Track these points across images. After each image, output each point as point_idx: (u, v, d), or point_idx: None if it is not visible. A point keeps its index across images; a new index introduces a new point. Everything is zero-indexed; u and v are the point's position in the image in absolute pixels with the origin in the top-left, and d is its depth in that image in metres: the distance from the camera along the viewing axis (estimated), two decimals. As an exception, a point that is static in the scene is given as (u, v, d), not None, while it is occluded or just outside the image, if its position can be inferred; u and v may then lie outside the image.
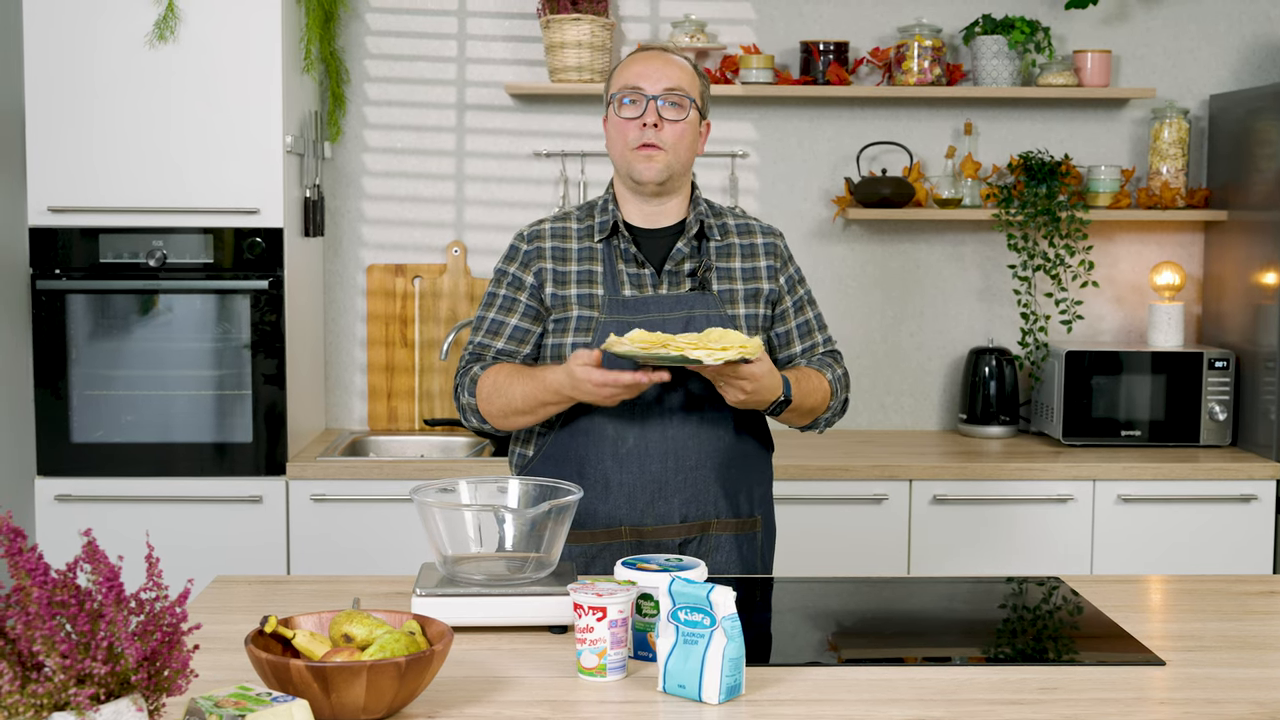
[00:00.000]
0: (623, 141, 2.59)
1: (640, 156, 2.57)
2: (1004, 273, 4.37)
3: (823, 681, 2.01)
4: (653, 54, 2.64)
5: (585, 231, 2.66)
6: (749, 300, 2.64)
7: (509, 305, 2.65)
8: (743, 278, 2.65)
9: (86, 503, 3.76)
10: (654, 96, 2.57)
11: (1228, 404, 4.08)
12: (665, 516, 2.58)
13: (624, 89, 2.59)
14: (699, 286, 2.62)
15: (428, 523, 2.22)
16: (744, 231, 2.70)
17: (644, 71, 2.59)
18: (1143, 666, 2.08)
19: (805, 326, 2.73)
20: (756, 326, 2.64)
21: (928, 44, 4.16)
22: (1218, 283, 4.30)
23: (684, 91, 2.59)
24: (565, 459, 2.60)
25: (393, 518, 3.78)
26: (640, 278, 2.61)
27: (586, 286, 2.61)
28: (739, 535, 2.64)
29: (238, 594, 2.45)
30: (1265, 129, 3.99)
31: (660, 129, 2.57)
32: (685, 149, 2.61)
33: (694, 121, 2.62)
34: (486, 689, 1.94)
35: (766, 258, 2.69)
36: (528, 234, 2.69)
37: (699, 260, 2.64)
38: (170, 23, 3.69)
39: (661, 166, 2.58)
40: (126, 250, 3.76)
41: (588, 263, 2.63)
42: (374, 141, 4.33)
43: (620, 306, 2.59)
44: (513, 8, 4.31)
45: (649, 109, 2.57)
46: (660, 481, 2.56)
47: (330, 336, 4.35)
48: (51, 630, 1.52)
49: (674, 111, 2.58)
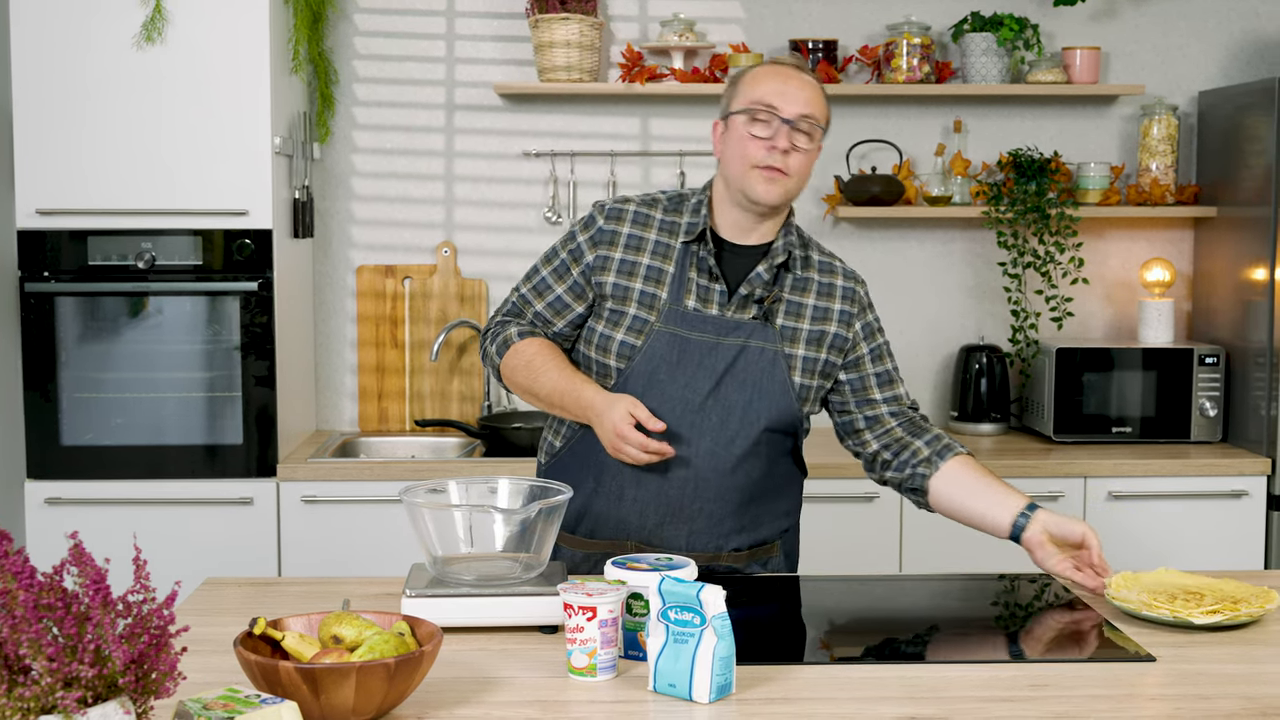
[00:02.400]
0: (744, 156, 2.47)
1: (762, 178, 2.46)
2: (994, 270, 4.37)
3: (814, 680, 2.00)
4: (790, 71, 2.51)
5: (668, 227, 2.56)
6: (811, 343, 2.55)
7: (562, 272, 2.58)
8: (811, 317, 2.55)
9: (77, 506, 3.75)
10: (789, 120, 2.45)
11: (1218, 400, 4.08)
12: (672, 541, 2.52)
13: (758, 103, 2.47)
14: (762, 316, 2.52)
15: (417, 523, 2.21)
16: (825, 270, 2.60)
17: (783, 90, 2.47)
18: (1134, 663, 2.08)
19: (885, 376, 2.62)
20: (815, 371, 2.55)
21: (916, 42, 4.17)
22: (1207, 279, 4.31)
23: (817, 120, 2.49)
24: (588, 461, 2.55)
25: (383, 519, 3.77)
26: (709, 292, 2.52)
27: (652, 285, 2.52)
28: (750, 562, 2.60)
29: (227, 596, 2.44)
30: (1254, 125, 4.00)
31: (789, 155, 2.46)
32: (806, 176, 2.52)
33: (815, 150, 2.52)
34: (476, 690, 1.94)
35: (843, 301, 2.58)
36: (610, 210, 2.58)
37: (772, 289, 2.54)
38: (158, 24, 3.69)
39: (782, 192, 2.47)
40: (115, 252, 3.76)
41: (661, 260, 2.54)
42: (363, 142, 4.32)
43: (678, 318, 2.50)
44: (501, 7, 4.30)
45: (781, 133, 2.45)
46: (676, 507, 2.51)
47: (320, 338, 4.35)
48: (38, 633, 1.51)
49: (805, 140, 2.48)
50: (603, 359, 2.53)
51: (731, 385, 2.49)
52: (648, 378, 2.49)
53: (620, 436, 2.40)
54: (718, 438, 2.49)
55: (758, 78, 2.51)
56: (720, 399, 2.49)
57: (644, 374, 2.49)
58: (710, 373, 2.49)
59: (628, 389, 2.49)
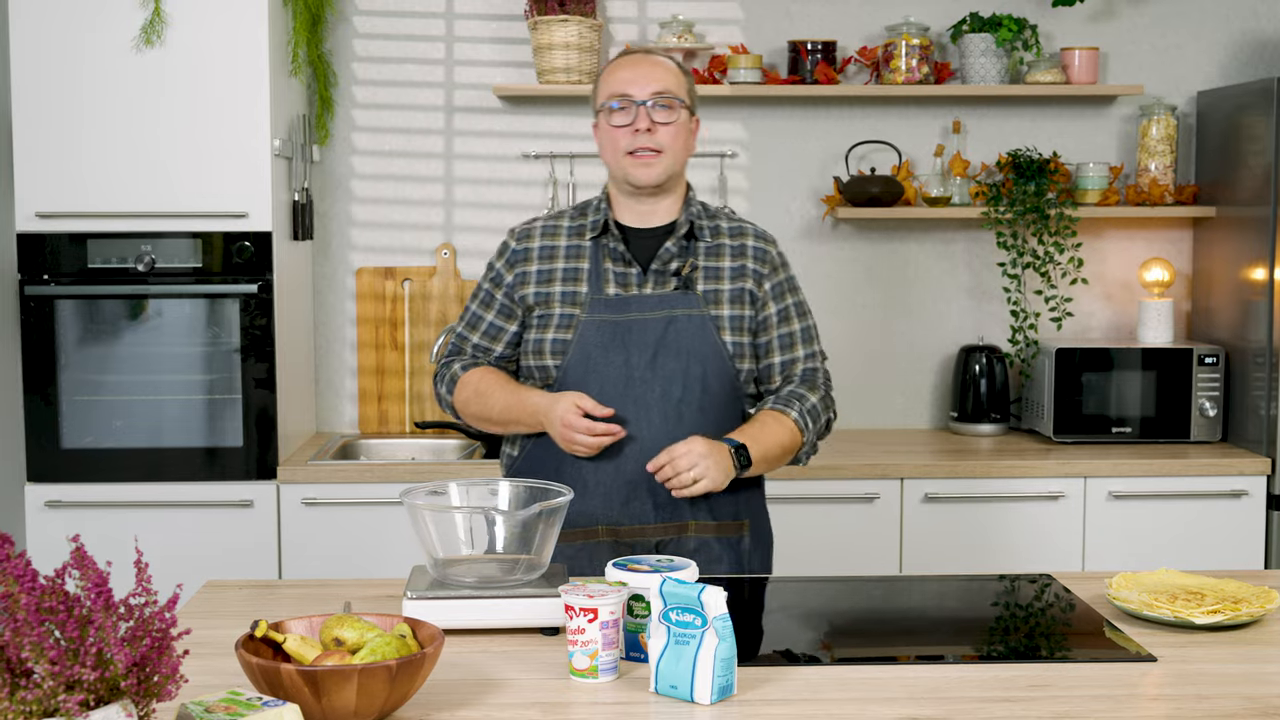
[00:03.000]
0: (616, 148, 2.61)
1: (636, 163, 2.60)
2: (993, 270, 4.37)
3: (815, 681, 2.01)
4: (637, 57, 2.66)
5: (576, 230, 2.68)
6: (734, 301, 2.64)
7: (488, 301, 2.71)
8: (730, 278, 2.65)
9: (77, 508, 3.75)
10: (643, 101, 2.59)
11: (1218, 400, 4.08)
12: (640, 516, 2.58)
13: (612, 96, 2.61)
14: (683, 286, 2.62)
15: (418, 525, 2.22)
16: (736, 233, 2.71)
17: (631, 77, 2.61)
18: (1134, 663, 2.08)
19: (787, 339, 2.69)
20: (742, 328, 2.64)
21: (915, 43, 4.17)
22: (1207, 279, 4.31)
23: (672, 93, 2.61)
24: (545, 460, 2.62)
25: (384, 521, 3.77)
26: (626, 277, 2.62)
27: (571, 284, 2.63)
28: (721, 538, 2.63)
29: (228, 598, 2.44)
30: (1253, 125, 4.00)
31: (654, 132, 2.59)
32: (680, 149, 2.63)
33: (685, 121, 2.64)
34: (478, 691, 1.94)
35: (755, 261, 2.68)
36: (519, 232, 2.73)
37: (685, 260, 2.64)
38: (157, 27, 3.69)
39: (660, 170, 2.60)
40: (115, 255, 3.76)
41: (575, 260, 2.65)
42: (362, 144, 4.32)
43: (602, 306, 2.60)
44: (500, 9, 4.30)
45: (640, 114, 2.58)
46: (635, 482, 2.56)
47: (320, 340, 4.35)
48: (40, 636, 1.51)
49: (665, 114, 2.60)
50: (540, 362, 2.63)
51: (667, 356, 2.57)
52: (585, 366, 2.58)
53: (568, 426, 2.49)
54: (664, 409, 2.57)
55: (609, 72, 2.66)
56: (659, 370, 2.57)
57: (580, 363, 2.58)
58: (644, 348, 2.57)
59: (568, 381, 2.58)
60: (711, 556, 2.62)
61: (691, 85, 2.67)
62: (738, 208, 4.33)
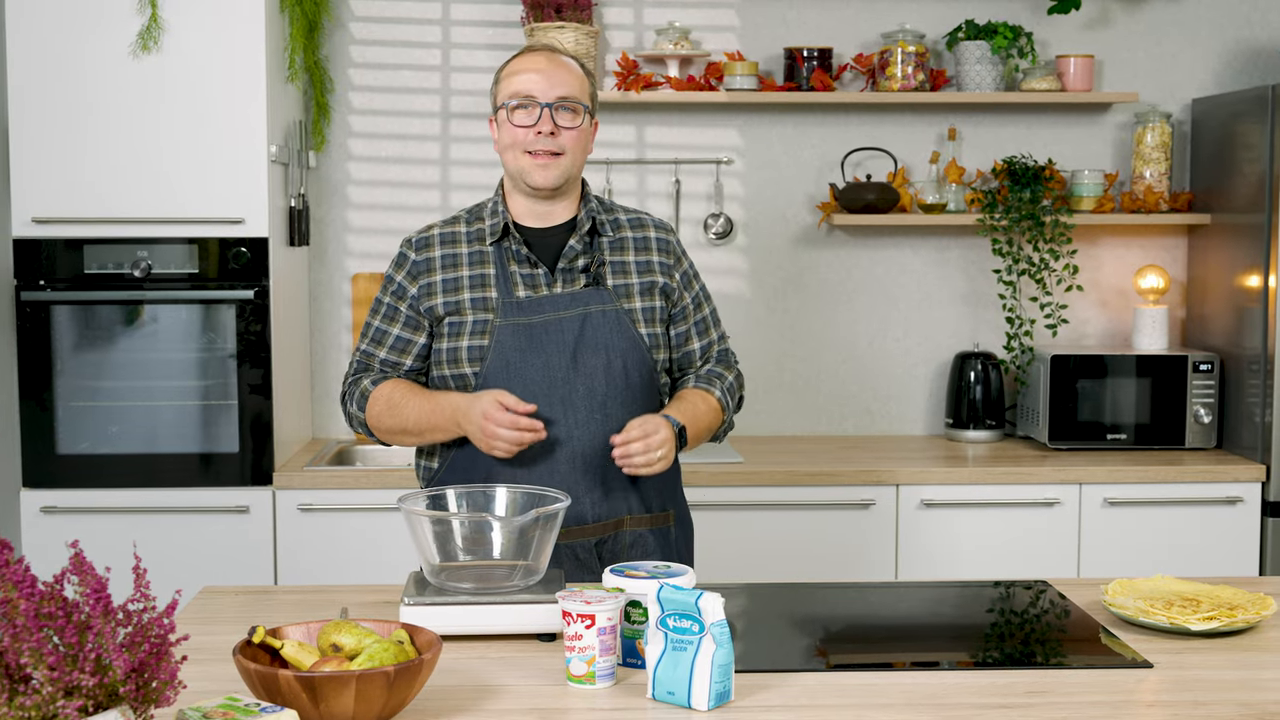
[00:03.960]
0: (515, 146, 2.60)
1: (537, 165, 2.58)
2: (989, 277, 4.38)
3: (811, 687, 2.01)
4: (540, 58, 2.63)
5: (475, 235, 2.66)
6: (644, 294, 2.65)
7: (392, 314, 2.67)
8: (637, 271, 2.66)
9: (73, 514, 3.75)
10: (548, 104, 2.57)
11: (1212, 407, 4.09)
12: (578, 518, 2.57)
13: (516, 95, 2.59)
14: (593, 282, 2.62)
15: (415, 531, 2.22)
16: (636, 225, 2.71)
17: (536, 79, 2.59)
18: (1130, 669, 2.09)
19: (702, 324, 2.74)
20: (654, 319, 2.65)
21: (911, 50, 4.18)
22: (1201, 286, 4.32)
23: (576, 98, 2.60)
24: (473, 468, 2.59)
25: (380, 527, 3.77)
26: (534, 278, 2.61)
27: (480, 290, 2.61)
28: (654, 530, 2.65)
29: (225, 604, 2.44)
30: (1247, 132, 4.01)
31: (556, 135, 2.58)
32: (580, 152, 2.63)
33: (586, 126, 2.63)
34: (475, 697, 1.94)
35: (660, 253, 2.69)
36: (416, 241, 2.69)
37: (592, 256, 2.64)
38: (154, 33, 3.69)
39: (559, 173, 2.59)
40: (111, 261, 3.76)
41: (479, 266, 2.63)
42: (359, 150, 4.33)
43: (515, 309, 2.58)
44: (497, 16, 4.31)
45: (543, 117, 2.57)
46: (569, 483, 2.55)
47: (316, 346, 4.35)
48: (39, 642, 1.51)
49: (568, 118, 2.59)
50: (457, 370, 2.60)
51: (587, 353, 2.57)
52: (505, 370, 2.56)
53: (489, 419, 2.45)
54: (590, 406, 2.56)
55: (513, 69, 2.64)
56: (581, 369, 2.56)
57: (500, 368, 2.56)
58: (563, 348, 2.57)
59: (489, 387, 2.55)
60: (647, 549, 2.63)
61: (594, 88, 2.67)
62: (734, 214, 4.34)
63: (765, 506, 3.74)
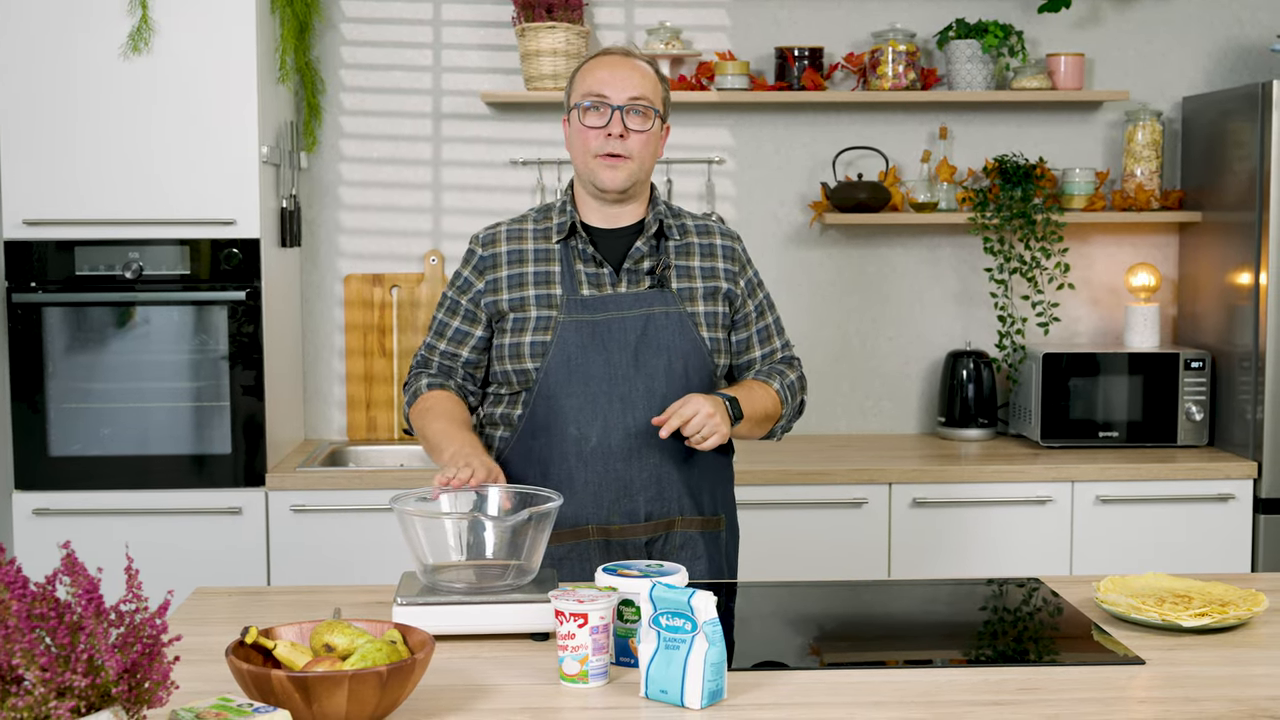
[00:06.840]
0: (586, 148, 2.60)
1: (604, 165, 2.59)
2: (980, 276, 4.39)
3: (805, 685, 2.01)
4: (617, 59, 2.63)
5: (542, 233, 2.67)
6: (708, 298, 2.66)
7: (454, 308, 2.69)
8: (702, 276, 2.67)
9: (65, 516, 3.74)
10: (619, 106, 2.58)
11: (1204, 404, 4.10)
12: (631, 515, 2.58)
13: (588, 94, 2.60)
14: (658, 285, 2.63)
15: (408, 531, 2.22)
16: (703, 232, 2.72)
17: (609, 79, 2.59)
18: (1122, 666, 2.09)
19: (765, 332, 2.75)
20: (717, 324, 2.66)
21: (902, 49, 4.18)
22: (1193, 284, 4.33)
23: (649, 101, 2.60)
24: (529, 461, 2.61)
25: (373, 527, 3.77)
26: (599, 277, 2.62)
27: (544, 287, 2.62)
28: (705, 533, 2.65)
29: (218, 605, 2.44)
30: (1238, 130, 4.02)
31: (626, 138, 2.58)
32: (649, 157, 2.63)
33: (656, 130, 2.63)
34: (468, 697, 1.94)
35: (725, 260, 2.70)
36: (483, 238, 2.71)
37: (658, 258, 2.65)
38: (144, 34, 3.68)
39: (626, 175, 2.60)
40: (103, 262, 3.75)
41: (545, 263, 2.64)
42: (350, 151, 4.32)
43: (579, 306, 2.60)
44: (488, 16, 4.31)
45: (614, 119, 2.57)
46: (625, 480, 2.57)
47: (308, 347, 4.34)
48: (31, 643, 1.51)
49: (639, 121, 2.59)
50: (519, 365, 2.60)
51: (648, 353, 2.58)
52: (567, 366, 2.57)
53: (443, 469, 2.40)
54: (649, 405, 2.57)
55: (587, 70, 2.64)
56: (642, 368, 2.57)
57: (562, 365, 2.57)
58: (625, 346, 2.58)
59: (550, 382, 2.57)
60: (696, 553, 2.63)
61: (667, 92, 2.67)
62: (725, 214, 4.34)
63: (758, 505, 3.74)
